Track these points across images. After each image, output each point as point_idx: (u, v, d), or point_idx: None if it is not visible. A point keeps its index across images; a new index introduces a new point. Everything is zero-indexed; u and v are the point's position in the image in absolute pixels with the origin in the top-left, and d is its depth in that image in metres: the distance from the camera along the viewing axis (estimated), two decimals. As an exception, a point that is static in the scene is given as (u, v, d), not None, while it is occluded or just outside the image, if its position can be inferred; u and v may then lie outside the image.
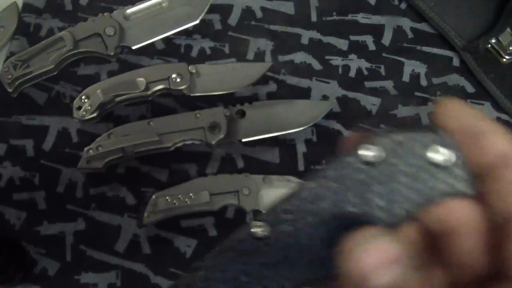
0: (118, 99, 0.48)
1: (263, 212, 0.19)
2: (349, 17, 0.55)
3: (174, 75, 0.48)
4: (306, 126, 0.49)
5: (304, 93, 0.52)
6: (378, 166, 0.17)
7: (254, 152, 0.50)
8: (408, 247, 0.16)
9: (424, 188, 0.17)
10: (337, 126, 0.51)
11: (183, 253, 0.47)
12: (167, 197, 0.45)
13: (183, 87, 0.48)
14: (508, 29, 0.52)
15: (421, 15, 0.55)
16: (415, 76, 0.54)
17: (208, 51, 0.53)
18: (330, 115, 0.51)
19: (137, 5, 0.51)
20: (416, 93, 0.53)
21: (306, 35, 0.54)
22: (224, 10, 0.54)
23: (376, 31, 0.55)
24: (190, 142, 0.47)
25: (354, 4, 0.56)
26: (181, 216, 0.46)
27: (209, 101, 0.50)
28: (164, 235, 0.47)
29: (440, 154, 0.17)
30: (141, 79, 0.48)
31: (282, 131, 0.48)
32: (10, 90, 0.48)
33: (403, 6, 0.56)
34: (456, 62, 0.54)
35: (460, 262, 0.18)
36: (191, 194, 0.45)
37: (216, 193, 0.45)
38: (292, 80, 0.52)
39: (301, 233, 0.18)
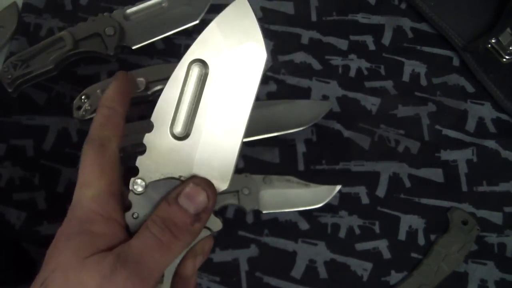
0: (118, 99, 0.48)
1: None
2: (349, 17, 0.55)
3: (174, 75, 0.48)
4: (306, 126, 0.49)
5: (304, 93, 0.52)
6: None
7: (254, 152, 0.50)
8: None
9: None
10: (337, 126, 0.51)
11: (183, 253, 0.47)
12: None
13: (183, 87, 0.48)
14: (508, 29, 0.52)
15: (421, 15, 0.55)
16: (415, 76, 0.54)
17: (208, 51, 0.53)
18: (330, 115, 0.51)
19: (137, 5, 0.51)
20: (416, 93, 0.53)
21: (306, 35, 0.54)
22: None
23: (376, 31, 0.55)
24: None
25: (354, 4, 0.56)
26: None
27: (209, 101, 0.50)
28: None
29: None
30: (141, 79, 0.48)
31: (282, 131, 0.48)
32: (10, 90, 0.48)
33: (403, 6, 0.56)
34: (456, 62, 0.54)
35: None
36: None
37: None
38: (292, 80, 0.52)
39: None
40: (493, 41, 0.52)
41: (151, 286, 0.26)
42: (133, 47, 0.50)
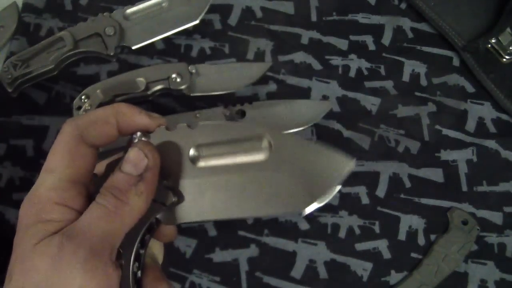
0: (118, 99, 0.48)
1: None
2: (349, 17, 0.55)
3: (174, 75, 0.48)
4: (306, 126, 0.49)
5: (304, 93, 0.52)
6: None
7: (254, 152, 0.50)
8: None
9: None
10: (337, 126, 0.51)
11: (183, 253, 0.47)
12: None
13: (183, 87, 0.48)
14: (508, 29, 0.52)
15: (421, 15, 0.55)
16: (415, 76, 0.54)
17: (208, 51, 0.53)
18: (330, 115, 0.51)
19: (137, 5, 0.51)
20: (416, 93, 0.53)
21: (306, 35, 0.54)
22: (224, 10, 0.54)
23: (376, 31, 0.55)
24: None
25: (354, 4, 0.56)
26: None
27: (209, 101, 0.50)
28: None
29: None
30: (141, 79, 0.48)
31: (282, 131, 0.48)
32: (10, 90, 0.48)
33: (403, 6, 0.56)
34: (456, 62, 0.54)
35: None
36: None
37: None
38: (292, 80, 0.52)
39: None
40: (493, 41, 0.52)
41: (106, 258, 0.25)
42: (133, 47, 0.50)
